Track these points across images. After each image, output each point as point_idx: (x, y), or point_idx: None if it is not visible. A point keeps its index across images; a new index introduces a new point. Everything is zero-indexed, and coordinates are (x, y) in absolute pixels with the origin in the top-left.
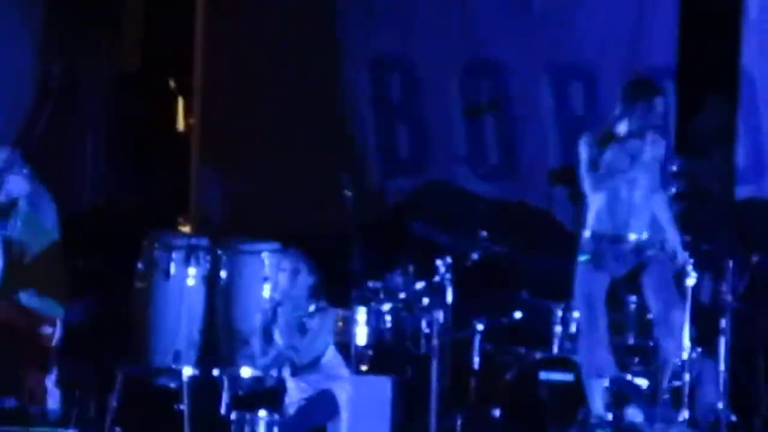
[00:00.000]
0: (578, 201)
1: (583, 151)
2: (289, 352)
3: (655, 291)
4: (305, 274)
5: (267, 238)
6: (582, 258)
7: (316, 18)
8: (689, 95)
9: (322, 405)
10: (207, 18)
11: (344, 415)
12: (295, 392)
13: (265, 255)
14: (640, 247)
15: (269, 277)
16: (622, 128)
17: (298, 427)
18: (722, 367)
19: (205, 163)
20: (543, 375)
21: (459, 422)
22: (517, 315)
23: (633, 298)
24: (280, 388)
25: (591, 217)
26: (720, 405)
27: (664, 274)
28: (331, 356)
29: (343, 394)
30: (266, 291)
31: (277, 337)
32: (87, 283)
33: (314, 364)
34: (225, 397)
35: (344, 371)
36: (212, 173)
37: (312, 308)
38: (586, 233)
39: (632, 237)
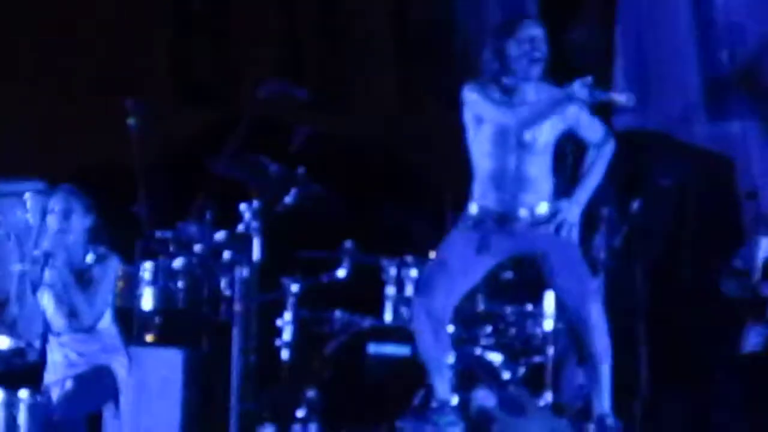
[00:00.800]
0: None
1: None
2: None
3: (563, 279)
4: (80, 214)
5: (32, 177)
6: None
7: None
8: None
9: (99, 385)
10: None
11: (123, 397)
12: (62, 367)
13: (27, 196)
14: (533, 224)
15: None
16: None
17: (68, 411)
18: None
19: None
20: (372, 348)
21: (267, 405)
22: (341, 273)
23: None
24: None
25: (479, 188)
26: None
27: (570, 255)
28: (109, 322)
29: (122, 370)
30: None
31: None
32: None
33: (90, 329)
34: None
35: (120, 342)
36: None
37: (90, 257)
38: (472, 207)
39: (523, 213)
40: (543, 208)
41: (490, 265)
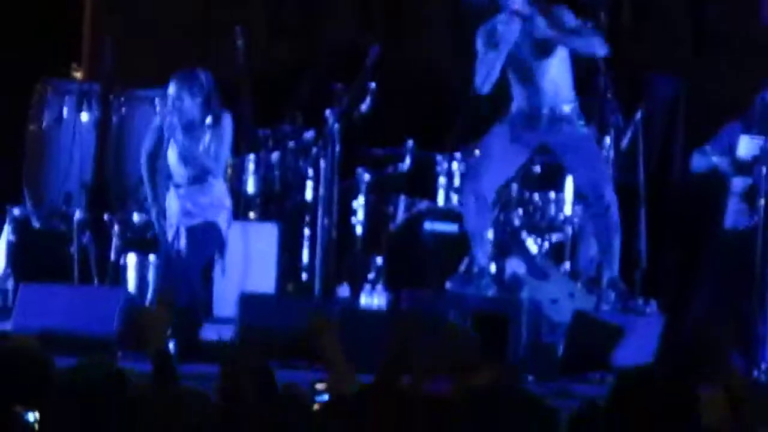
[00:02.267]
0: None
1: (479, 40)
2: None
3: (581, 167)
4: (189, 93)
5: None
6: (501, 127)
7: None
8: None
9: (208, 237)
10: None
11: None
12: (179, 215)
13: (156, 101)
14: (553, 119)
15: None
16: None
17: (185, 261)
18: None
19: (98, 11)
20: (427, 225)
21: (343, 269)
22: (404, 166)
23: None
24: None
25: (514, 93)
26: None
27: (587, 147)
28: (220, 177)
29: (224, 224)
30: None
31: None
32: None
33: (203, 179)
34: (115, 241)
35: (228, 202)
36: (105, 21)
37: (208, 119)
38: (512, 106)
39: (545, 111)
40: (566, 108)
41: (523, 156)
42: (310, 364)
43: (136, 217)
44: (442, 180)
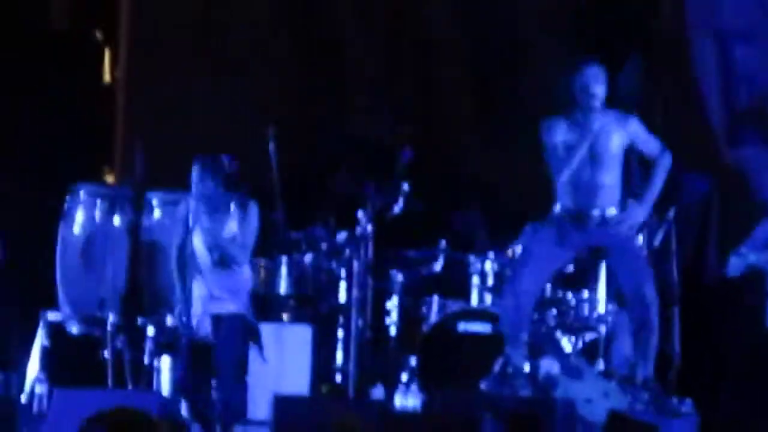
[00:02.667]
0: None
1: (545, 138)
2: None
3: (625, 268)
4: (211, 176)
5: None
6: (546, 228)
7: None
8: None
9: (238, 330)
10: None
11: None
12: (203, 300)
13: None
14: (603, 223)
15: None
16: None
17: (217, 356)
18: None
19: (130, 115)
20: (461, 326)
21: (378, 370)
22: (437, 266)
23: None
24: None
25: (559, 194)
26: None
27: (631, 249)
28: (247, 271)
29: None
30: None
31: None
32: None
33: (227, 265)
34: (149, 345)
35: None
36: (136, 125)
37: (233, 206)
38: (556, 207)
39: (596, 213)
40: (612, 211)
41: (567, 257)
42: None
43: (169, 320)
44: (475, 280)
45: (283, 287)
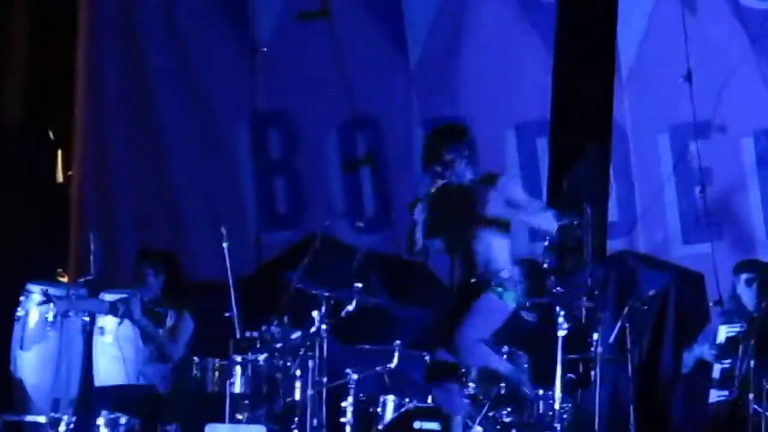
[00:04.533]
0: (452, 252)
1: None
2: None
3: None
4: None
5: None
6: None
7: (197, 72)
8: (563, 149)
9: None
10: (88, 71)
11: None
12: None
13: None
14: None
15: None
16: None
17: None
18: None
19: (83, 215)
20: (417, 424)
21: None
22: (392, 365)
23: None
24: None
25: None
26: None
27: None
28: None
29: None
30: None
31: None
32: None
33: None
34: None
35: None
36: (91, 225)
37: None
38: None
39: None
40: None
41: None
42: None
43: (123, 420)
44: None
45: (237, 387)
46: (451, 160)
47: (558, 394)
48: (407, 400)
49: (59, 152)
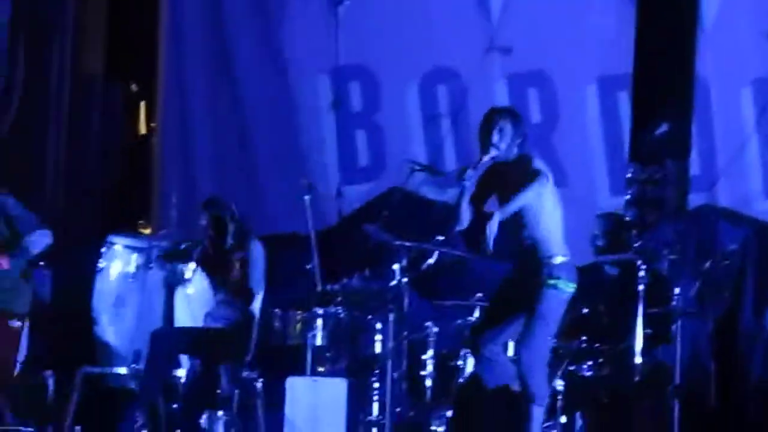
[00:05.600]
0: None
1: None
2: None
3: None
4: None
5: None
6: (571, 285)
7: (277, 25)
8: (645, 103)
9: None
10: (170, 25)
11: None
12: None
13: None
14: None
15: None
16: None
17: None
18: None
19: (165, 167)
20: None
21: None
22: (472, 318)
23: None
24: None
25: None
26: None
27: None
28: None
29: None
30: None
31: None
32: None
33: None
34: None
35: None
36: (172, 177)
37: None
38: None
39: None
40: None
41: None
42: None
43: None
44: None
45: (318, 339)
46: (504, 135)
47: (638, 347)
48: None
49: (142, 104)
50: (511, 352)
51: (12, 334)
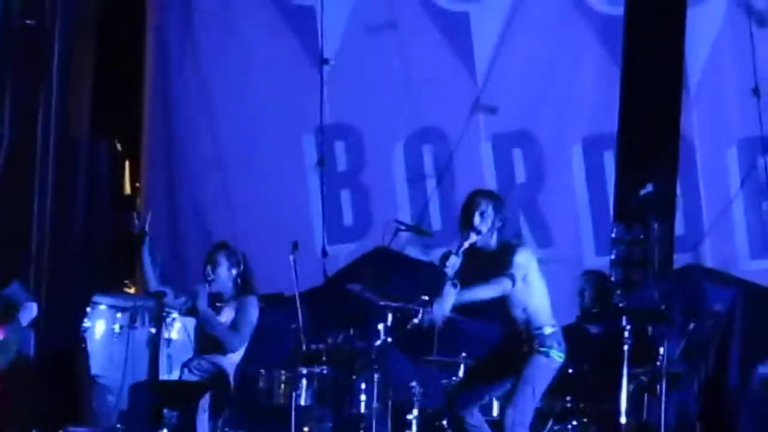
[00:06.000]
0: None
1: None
2: None
3: None
4: (225, 267)
5: None
6: (560, 355)
7: (267, 83)
8: (630, 163)
9: None
10: (153, 84)
11: None
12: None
13: None
14: None
15: None
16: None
17: None
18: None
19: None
20: None
21: None
22: (457, 377)
23: None
24: None
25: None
26: None
27: None
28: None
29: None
30: None
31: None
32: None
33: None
34: None
35: None
36: (158, 236)
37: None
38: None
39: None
40: None
41: None
42: None
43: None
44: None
45: (303, 399)
46: (485, 218)
47: (623, 407)
48: None
49: (126, 163)
50: (495, 411)
51: None
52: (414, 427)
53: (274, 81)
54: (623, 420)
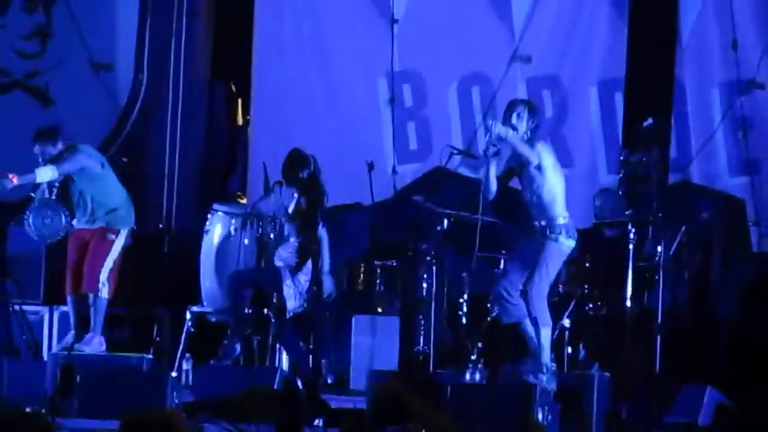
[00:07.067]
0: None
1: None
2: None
3: None
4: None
5: None
6: (570, 242)
7: (350, 36)
8: (636, 102)
9: None
10: (260, 37)
11: None
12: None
13: None
14: None
15: None
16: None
17: None
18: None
19: (257, 150)
20: None
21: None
22: (499, 269)
23: None
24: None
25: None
26: None
27: None
28: None
29: None
30: None
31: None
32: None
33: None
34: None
35: None
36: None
37: None
38: (562, 220)
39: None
40: None
41: None
42: None
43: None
44: None
45: (377, 286)
46: (521, 119)
47: (629, 293)
48: None
49: (239, 101)
50: None
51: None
52: (464, 308)
53: (355, 34)
54: (628, 303)
